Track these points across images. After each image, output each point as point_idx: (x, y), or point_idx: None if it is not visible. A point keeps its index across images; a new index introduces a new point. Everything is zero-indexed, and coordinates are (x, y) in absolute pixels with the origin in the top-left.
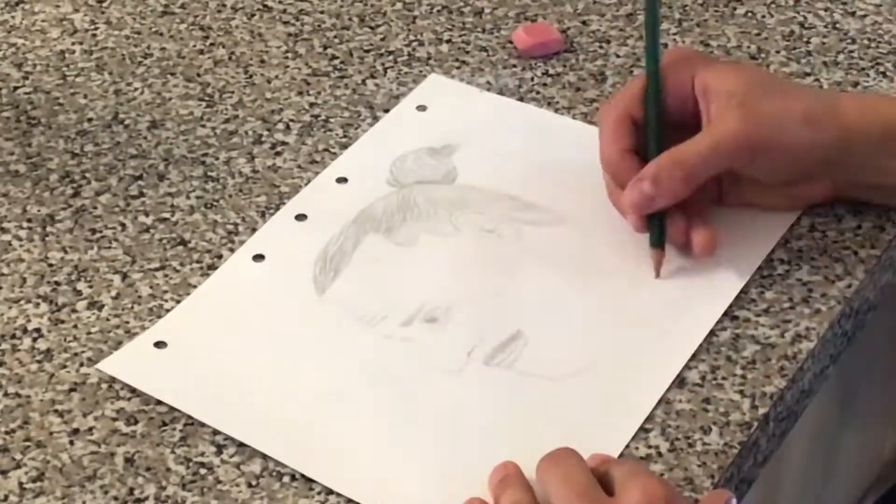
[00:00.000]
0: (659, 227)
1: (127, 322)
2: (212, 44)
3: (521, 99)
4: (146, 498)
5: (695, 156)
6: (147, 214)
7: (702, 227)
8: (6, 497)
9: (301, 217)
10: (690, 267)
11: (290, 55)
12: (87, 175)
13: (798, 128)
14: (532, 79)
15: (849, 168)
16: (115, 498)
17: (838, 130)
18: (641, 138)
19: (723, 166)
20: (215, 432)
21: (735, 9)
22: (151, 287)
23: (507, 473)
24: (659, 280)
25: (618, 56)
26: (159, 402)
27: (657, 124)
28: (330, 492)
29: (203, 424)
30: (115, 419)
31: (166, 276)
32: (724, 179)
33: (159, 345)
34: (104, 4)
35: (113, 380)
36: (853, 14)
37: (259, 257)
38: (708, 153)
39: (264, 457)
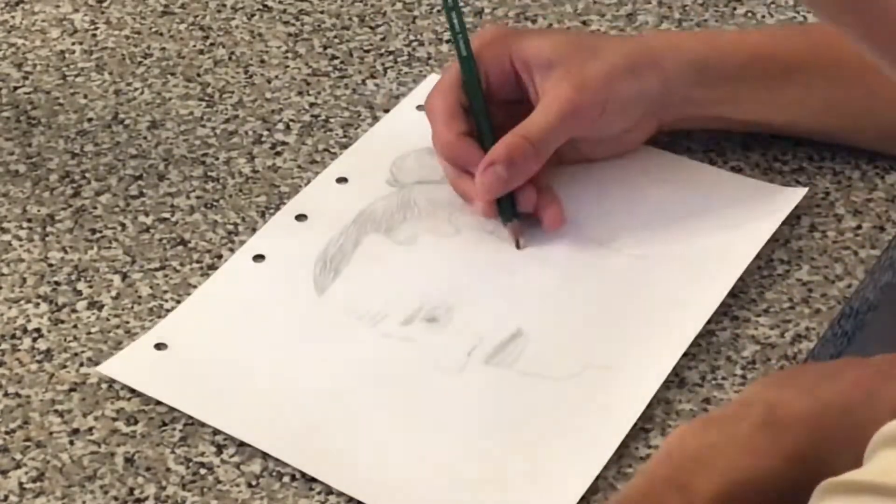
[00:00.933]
0: (510, 201)
1: (127, 322)
2: (212, 44)
3: None
4: (146, 498)
5: (542, 130)
6: (147, 214)
7: (550, 201)
8: (6, 497)
9: (301, 217)
10: (686, 268)
11: (290, 55)
12: (87, 175)
13: (625, 82)
14: None
15: (670, 107)
16: (115, 498)
17: (659, 75)
18: (473, 123)
19: (568, 135)
20: (215, 432)
21: (735, 9)
22: (151, 287)
23: None
24: (657, 279)
25: None
26: (159, 402)
27: (483, 110)
28: (330, 491)
29: (203, 424)
30: (115, 419)
31: (166, 276)
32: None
33: (160, 346)
34: (104, 4)
35: (113, 380)
36: None
37: (259, 257)
38: (554, 125)
39: (264, 457)
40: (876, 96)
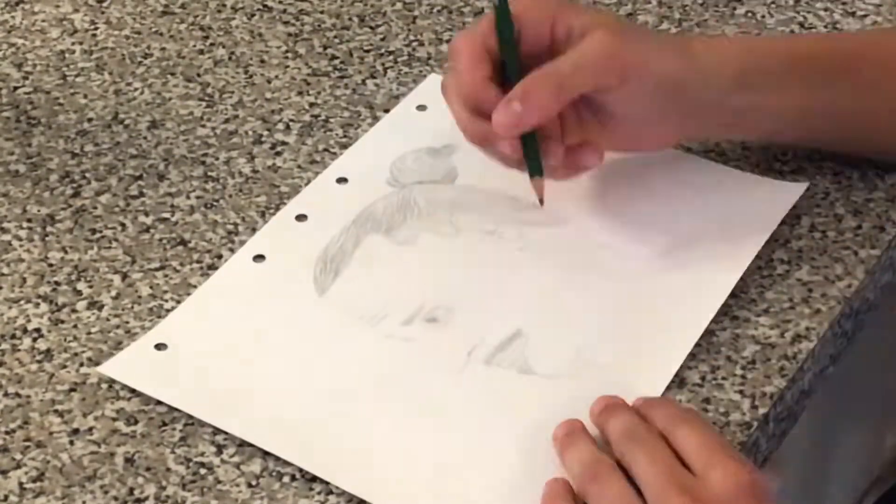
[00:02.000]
0: (535, 154)
1: (127, 322)
2: (212, 44)
3: None
4: (146, 498)
5: (565, 69)
6: (147, 214)
7: (582, 146)
8: (6, 497)
9: (301, 217)
10: (688, 266)
11: (290, 55)
12: (87, 175)
13: (660, 57)
14: None
15: (700, 111)
16: (115, 498)
17: (695, 65)
18: (498, 73)
19: (592, 84)
20: (215, 432)
21: (735, 9)
22: (151, 287)
23: (573, 429)
24: (657, 279)
25: None
26: (159, 402)
27: (513, 51)
28: (330, 491)
29: (203, 424)
30: (115, 419)
31: (166, 276)
32: (585, 116)
33: (160, 347)
34: (104, 4)
35: (113, 379)
36: (853, 14)
37: (259, 257)
38: (578, 65)
39: (264, 457)
40: None
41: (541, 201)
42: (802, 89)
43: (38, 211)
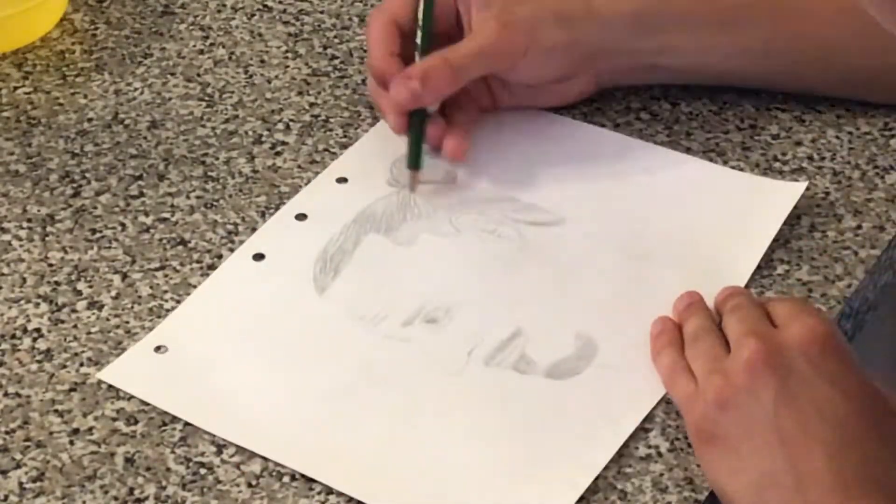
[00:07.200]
0: (417, 146)
1: (127, 322)
2: (212, 44)
3: None
4: (146, 498)
5: (461, 57)
6: (147, 214)
7: (457, 133)
8: (6, 497)
9: (301, 217)
10: (689, 267)
11: (290, 55)
12: (87, 175)
13: (553, 30)
14: None
15: (606, 57)
16: (115, 498)
17: (595, 25)
18: (406, 47)
19: (486, 70)
20: None
21: None
22: (151, 287)
23: (693, 301)
24: (658, 279)
25: None
26: None
27: (427, 28)
28: (330, 491)
29: None
30: (115, 419)
31: (166, 276)
32: (494, 84)
33: (159, 349)
34: (104, 4)
35: None
36: None
37: (259, 257)
38: (473, 55)
39: (264, 456)
40: (819, 39)
41: (412, 189)
42: (705, 28)
43: (38, 211)
